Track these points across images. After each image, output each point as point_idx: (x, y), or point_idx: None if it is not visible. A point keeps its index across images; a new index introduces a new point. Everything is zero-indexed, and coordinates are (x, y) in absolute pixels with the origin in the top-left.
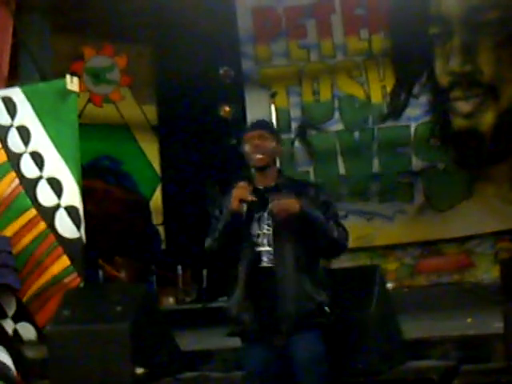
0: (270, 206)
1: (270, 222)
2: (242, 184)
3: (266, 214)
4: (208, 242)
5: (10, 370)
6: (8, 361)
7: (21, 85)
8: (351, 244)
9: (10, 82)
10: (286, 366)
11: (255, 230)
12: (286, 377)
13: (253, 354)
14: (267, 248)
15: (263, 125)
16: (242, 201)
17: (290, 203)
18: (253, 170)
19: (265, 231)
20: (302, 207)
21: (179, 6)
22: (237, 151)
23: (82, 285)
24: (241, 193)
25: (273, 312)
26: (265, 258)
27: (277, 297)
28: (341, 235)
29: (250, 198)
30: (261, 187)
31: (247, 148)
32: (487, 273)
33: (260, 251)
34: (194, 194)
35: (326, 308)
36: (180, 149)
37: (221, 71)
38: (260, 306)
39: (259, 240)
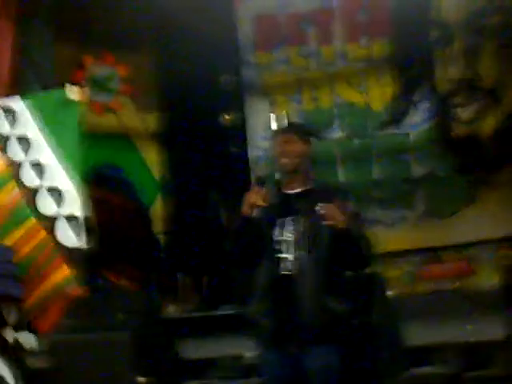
0: (319, 206)
1: (292, 228)
2: (255, 189)
3: (290, 220)
4: (227, 243)
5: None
6: (6, 373)
7: (21, 93)
8: None
9: (10, 91)
10: (301, 374)
11: (277, 235)
12: None
13: (270, 359)
14: (287, 255)
15: (292, 128)
16: (253, 206)
17: (338, 215)
18: (280, 175)
19: (286, 238)
20: (349, 226)
21: (180, 14)
22: (238, 159)
23: (83, 293)
24: (252, 198)
25: (291, 320)
26: (285, 266)
27: (296, 306)
28: (369, 251)
29: (261, 204)
30: (287, 192)
31: (274, 152)
32: (488, 280)
33: (280, 258)
34: (194, 202)
35: (346, 321)
36: (181, 157)
37: (221, 79)
38: (279, 313)
39: (280, 246)
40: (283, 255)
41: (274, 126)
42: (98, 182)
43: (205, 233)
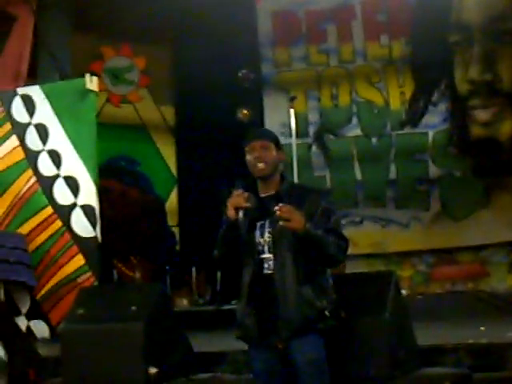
0: (276, 208)
1: (271, 229)
2: (236, 192)
3: (267, 222)
4: (214, 251)
5: None
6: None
7: (40, 83)
8: (365, 250)
9: (29, 81)
10: (289, 369)
11: (257, 237)
12: (290, 380)
13: (257, 357)
14: (268, 255)
15: (265, 134)
16: (237, 209)
17: (296, 217)
18: (257, 179)
19: (266, 239)
20: (307, 227)
21: (199, 9)
22: None
23: (96, 284)
24: (236, 201)
25: (274, 318)
26: (266, 265)
27: (278, 303)
28: (338, 249)
29: (245, 205)
30: (263, 195)
31: (249, 158)
32: (501, 282)
33: (262, 258)
34: (209, 196)
35: (326, 313)
36: (197, 151)
37: (240, 74)
38: (262, 312)
39: (261, 248)
40: (264, 256)
41: (292, 123)
42: (114, 173)
43: (219, 227)
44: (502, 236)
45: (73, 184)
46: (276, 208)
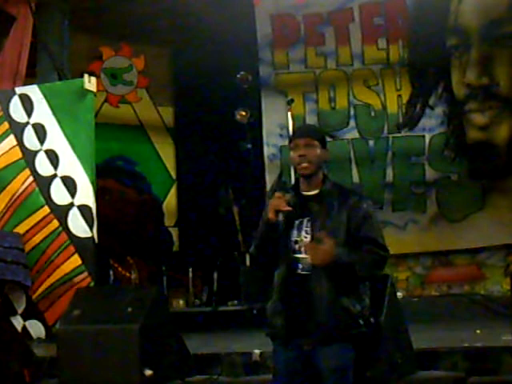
0: (305, 247)
1: (309, 229)
2: (278, 194)
3: (305, 221)
4: (251, 248)
5: None
6: None
7: (39, 83)
8: None
9: (27, 81)
10: (312, 373)
11: (294, 236)
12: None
13: (281, 357)
14: (304, 255)
15: (310, 132)
16: (278, 211)
17: (325, 252)
18: (299, 177)
19: (303, 238)
20: (336, 257)
21: (198, 10)
22: (252, 155)
23: (92, 284)
24: (277, 203)
25: (304, 319)
26: (301, 265)
27: (310, 305)
28: (374, 266)
29: (286, 208)
30: (305, 193)
31: (293, 156)
32: (497, 285)
33: (297, 258)
34: (207, 197)
35: (360, 321)
36: (195, 151)
37: (238, 76)
38: (293, 312)
39: (297, 246)
40: (300, 255)
41: (290, 125)
42: (111, 173)
43: (216, 228)
44: (498, 239)
45: (70, 184)
46: (305, 247)
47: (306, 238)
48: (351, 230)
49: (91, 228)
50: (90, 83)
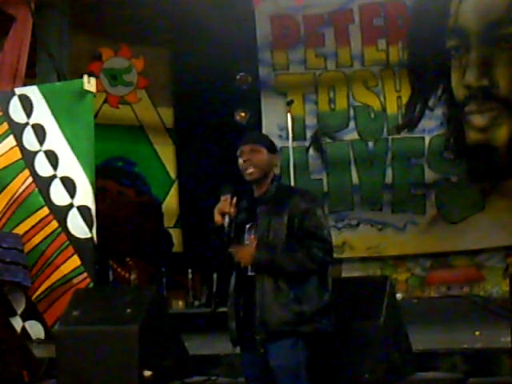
0: (231, 250)
1: (256, 231)
2: (223, 198)
3: (255, 224)
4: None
5: None
6: None
7: (38, 84)
8: (362, 253)
9: (27, 81)
10: (269, 373)
11: (246, 239)
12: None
13: (244, 360)
14: None
15: (254, 139)
16: (223, 214)
17: (245, 254)
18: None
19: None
20: (256, 258)
21: (198, 11)
22: None
23: (91, 285)
24: (222, 206)
25: (253, 320)
26: (250, 268)
27: (257, 306)
28: (317, 259)
29: (230, 211)
30: (254, 197)
31: (240, 162)
32: (496, 287)
33: None
34: (207, 197)
35: (306, 316)
36: (195, 152)
37: (238, 77)
38: (244, 315)
39: None
40: None
41: (290, 126)
42: (111, 174)
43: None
44: (497, 240)
45: (69, 185)
46: (232, 252)
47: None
48: (294, 229)
49: (90, 229)
50: (90, 84)
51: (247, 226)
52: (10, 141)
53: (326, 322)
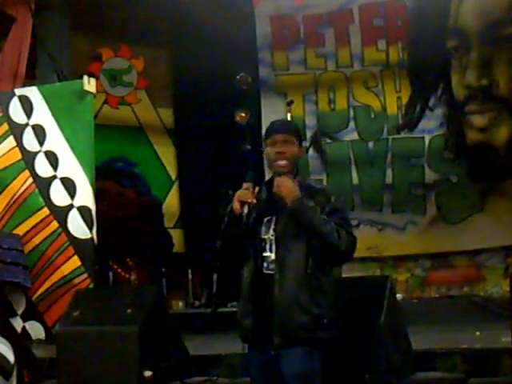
0: (275, 181)
1: (276, 226)
2: (245, 185)
3: (274, 219)
4: (217, 242)
5: (7, 360)
6: (6, 351)
7: (38, 84)
8: (362, 253)
9: (27, 82)
10: (277, 377)
11: (262, 234)
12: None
13: (252, 358)
14: (269, 254)
15: (288, 128)
16: (243, 203)
17: (290, 189)
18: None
19: (270, 236)
20: (300, 200)
21: (198, 12)
22: (251, 157)
23: (91, 286)
24: (243, 195)
25: (270, 320)
26: (266, 264)
27: (273, 306)
28: (343, 241)
29: (251, 200)
30: (275, 191)
31: (270, 152)
32: (497, 287)
33: (264, 256)
34: (207, 198)
35: (325, 320)
36: (194, 153)
37: (238, 77)
38: (260, 313)
39: (264, 245)
40: (266, 254)
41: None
42: (111, 175)
43: (216, 229)
44: (497, 240)
45: (69, 185)
46: (276, 181)
47: (273, 236)
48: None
49: (91, 229)
50: (90, 84)
51: (265, 219)
52: (10, 141)
53: (340, 325)
